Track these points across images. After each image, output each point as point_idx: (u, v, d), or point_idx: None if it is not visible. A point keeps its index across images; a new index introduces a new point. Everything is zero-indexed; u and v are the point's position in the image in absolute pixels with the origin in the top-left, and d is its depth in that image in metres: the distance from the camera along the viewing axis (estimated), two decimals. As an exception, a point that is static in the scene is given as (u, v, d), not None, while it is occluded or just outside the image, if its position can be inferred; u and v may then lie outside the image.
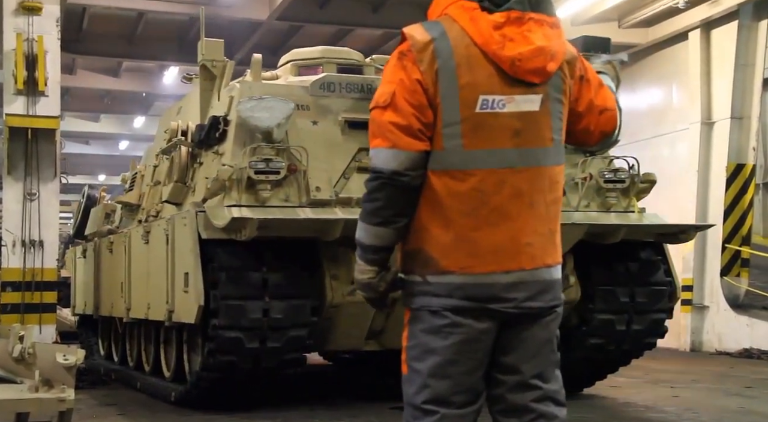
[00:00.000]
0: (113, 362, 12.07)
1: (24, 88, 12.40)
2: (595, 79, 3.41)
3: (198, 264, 7.95)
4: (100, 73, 25.95)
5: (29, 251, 12.54)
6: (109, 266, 11.08)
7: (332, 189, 8.32)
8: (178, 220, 8.48)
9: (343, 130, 8.66)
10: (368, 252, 3.29)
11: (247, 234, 7.66)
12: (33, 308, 12.56)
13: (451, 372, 3.18)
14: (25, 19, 12.70)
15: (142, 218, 10.53)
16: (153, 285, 9.19)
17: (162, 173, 10.20)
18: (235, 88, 8.69)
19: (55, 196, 12.96)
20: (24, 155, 12.49)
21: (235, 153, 8.34)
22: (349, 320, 8.32)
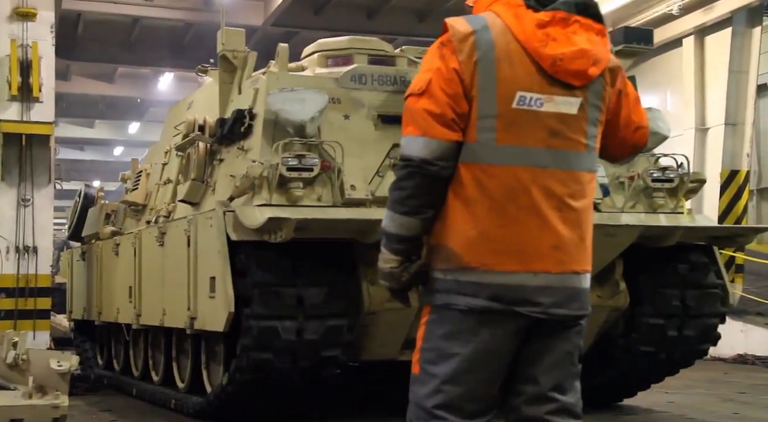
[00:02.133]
0: (114, 371, 10.76)
1: (18, 94, 12.01)
2: (633, 94, 3.28)
3: (227, 268, 6.95)
4: (94, 79, 25.37)
5: (23, 257, 12.13)
6: (115, 269, 9.99)
7: (368, 188, 7.25)
8: (201, 220, 7.47)
9: (376, 125, 7.68)
10: (393, 241, 3.12)
11: (282, 236, 6.66)
12: (27, 314, 12.13)
13: (468, 379, 3.00)
14: (20, 25, 12.32)
15: (150, 219, 9.45)
16: (170, 290, 8.19)
17: (173, 170, 9.19)
18: (261, 80, 7.60)
19: (49, 202, 12.54)
20: (18, 160, 12.07)
21: (264, 149, 7.34)
22: (385, 328, 7.33)
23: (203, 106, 8.95)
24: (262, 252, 6.92)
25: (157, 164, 9.99)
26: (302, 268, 6.98)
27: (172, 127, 9.85)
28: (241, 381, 7.15)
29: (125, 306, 9.48)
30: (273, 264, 6.92)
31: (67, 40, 20.85)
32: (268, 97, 7.27)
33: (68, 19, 20.65)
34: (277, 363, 6.96)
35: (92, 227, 11.53)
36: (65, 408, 7.53)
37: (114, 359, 11.08)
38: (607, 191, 7.55)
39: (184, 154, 8.61)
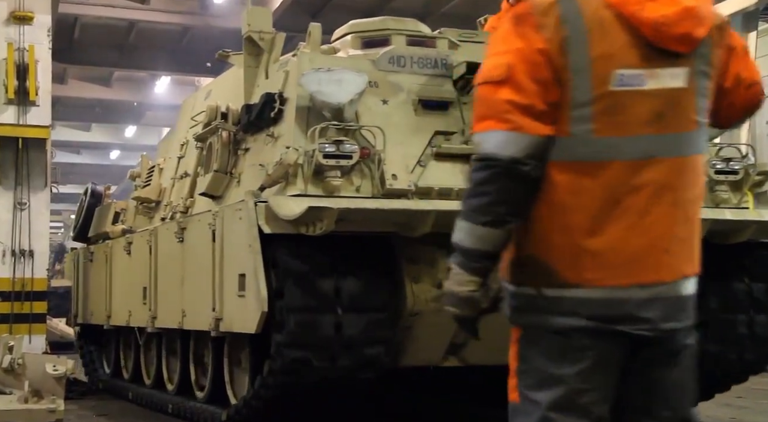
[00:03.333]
0: (123, 379, 9.78)
1: (15, 97, 11.75)
2: (740, 47, 2.68)
3: (260, 264, 6.09)
4: (91, 83, 24.97)
5: (19, 260, 11.79)
6: (127, 269, 9.09)
7: (410, 178, 6.44)
8: (229, 213, 6.66)
9: (416, 110, 6.85)
10: (471, 259, 2.52)
11: (323, 228, 5.85)
12: (23, 318, 11.78)
13: (579, 403, 2.47)
14: (17, 28, 12.03)
15: (165, 215, 8.59)
16: (191, 290, 7.37)
17: (191, 163, 8.36)
18: (291, 62, 6.77)
19: (45, 205, 12.22)
20: (14, 164, 11.77)
21: (297, 135, 6.52)
22: (430, 330, 6.50)
23: (224, 93, 8.14)
24: (298, 248, 6.14)
25: (171, 158, 9.11)
26: (340, 260, 6.20)
27: (187, 118, 9.00)
28: (274, 385, 6.33)
29: (138, 309, 8.63)
30: (308, 255, 6.14)
31: (63, 44, 20.54)
32: (301, 78, 6.48)
33: (65, 23, 20.35)
34: (316, 362, 6.14)
35: (100, 226, 10.62)
36: (61, 412, 7.31)
37: (123, 366, 10.03)
38: None
39: (204, 144, 7.68)
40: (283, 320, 6.03)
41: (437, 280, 6.28)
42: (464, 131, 6.77)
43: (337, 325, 6.09)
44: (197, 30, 21.51)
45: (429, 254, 6.36)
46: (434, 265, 6.34)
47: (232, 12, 20.55)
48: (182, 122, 9.31)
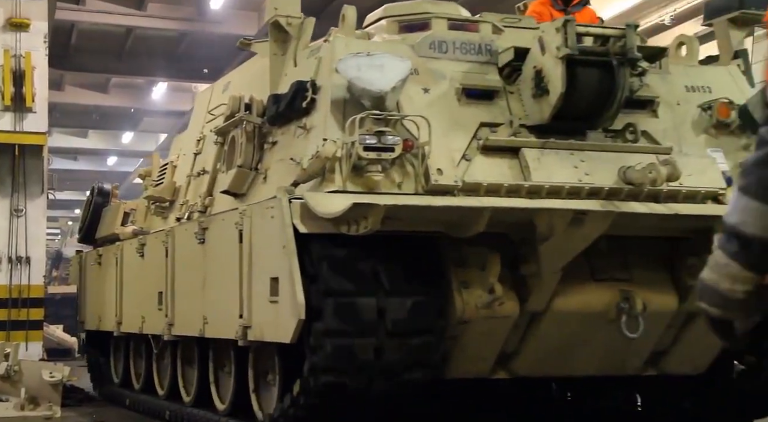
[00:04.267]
0: (133, 390, 8.96)
1: (11, 104, 11.41)
2: None
3: (295, 267, 5.41)
4: (88, 89, 24.68)
5: (16, 267, 11.38)
6: (139, 273, 8.35)
7: (455, 173, 5.72)
8: (259, 211, 5.98)
9: (460, 99, 6.15)
10: (753, 248, 1.87)
11: (367, 226, 5.17)
12: (20, 325, 11.36)
13: None
14: (13, 35, 11.68)
15: (181, 215, 7.92)
16: (214, 295, 6.69)
17: (209, 159, 7.66)
18: (324, 48, 6.09)
19: (42, 212, 11.80)
20: (11, 171, 11.43)
21: (332, 126, 5.80)
22: (479, 340, 5.84)
23: (246, 84, 7.44)
24: (336, 251, 5.48)
25: (186, 154, 8.38)
26: (383, 271, 5.53)
27: (203, 112, 8.31)
28: (305, 406, 5.68)
29: (153, 315, 7.92)
30: (349, 266, 5.47)
31: (60, 50, 20.11)
32: (338, 64, 5.78)
33: (62, 29, 19.84)
34: (351, 386, 5.53)
35: (108, 227, 9.85)
36: (58, 419, 7.23)
37: (134, 375, 9.20)
38: (729, 180, 5.96)
39: (225, 139, 6.91)
40: (320, 343, 5.40)
41: (489, 284, 5.56)
42: (512, 122, 6.04)
43: (377, 350, 5.46)
44: (194, 36, 20.94)
45: (478, 257, 5.69)
46: (485, 268, 5.62)
47: (229, 18, 20.08)
48: (197, 116, 8.60)
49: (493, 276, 5.59)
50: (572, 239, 5.50)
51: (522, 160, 5.96)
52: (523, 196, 5.75)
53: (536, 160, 5.95)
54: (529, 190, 5.76)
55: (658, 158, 5.94)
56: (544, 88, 5.94)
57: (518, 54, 6.14)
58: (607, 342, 5.93)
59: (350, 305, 5.40)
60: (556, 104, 5.86)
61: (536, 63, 6.00)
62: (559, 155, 6.00)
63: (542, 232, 5.47)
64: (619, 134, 6.20)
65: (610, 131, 6.21)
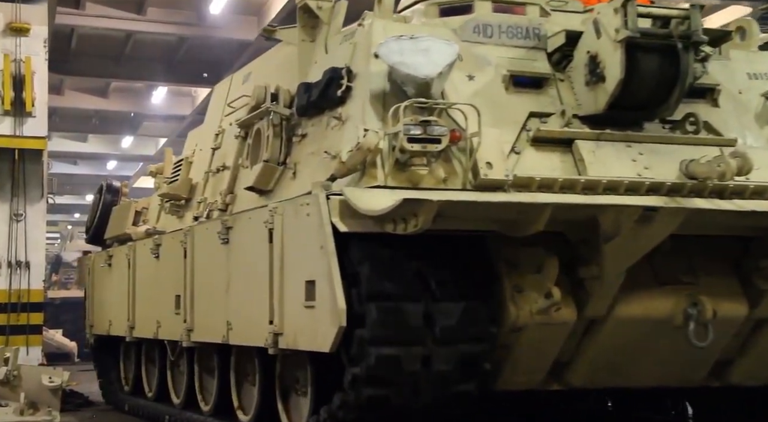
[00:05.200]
0: (146, 398, 8.33)
1: (11, 108, 11.09)
2: None
3: (335, 268, 4.78)
4: (88, 94, 24.29)
5: (15, 272, 11.04)
6: (154, 275, 7.80)
7: (505, 166, 5.10)
8: (292, 208, 5.35)
9: (507, 87, 5.55)
10: None
11: (417, 225, 4.56)
12: (19, 329, 11.00)
13: None
14: (13, 40, 11.37)
15: (199, 214, 7.31)
16: (240, 299, 6.05)
17: (229, 154, 7.04)
18: (359, 32, 5.60)
19: (42, 217, 11.48)
20: (11, 175, 11.13)
21: (369, 116, 5.22)
22: (533, 348, 5.22)
23: (269, 74, 6.80)
24: (380, 252, 4.86)
25: (203, 149, 7.75)
26: (431, 274, 4.92)
27: (221, 106, 7.72)
28: (357, 404, 4.99)
29: (170, 319, 7.30)
30: (393, 268, 4.85)
31: (60, 55, 19.57)
32: (379, 48, 5.19)
33: (62, 34, 19.39)
34: (394, 400, 4.91)
35: (119, 227, 9.19)
36: None
37: (146, 383, 8.48)
38: None
39: (249, 132, 6.25)
40: (363, 353, 4.78)
41: (545, 288, 4.92)
42: (564, 112, 5.39)
43: (425, 359, 4.86)
44: (194, 41, 20.45)
45: (533, 258, 5.10)
46: (540, 270, 5.01)
47: (229, 23, 19.43)
48: (215, 110, 7.97)
49: (551, 280, 4.99)
50: (639, 239, 4.88)
51: (576, 153, 5.37)
52: (578, 192, 5.13)
53: (591, 153, 5.35)
54: (585, 185, 5.15)
55: (722, 151, 5.28)
56: (599, 74, 5.33)
57: (570, 38, 5.56)
58: (671, 351, 5.31)
59: (395, 310, 4.79)
60: (613, 92, 5.26)
61: (590, 47, 5.40)
62: (615, 148, 5.41)
63: (607, 231, 4.83)
64: (678, 124, 5.57)
65: (668, 122, 5.60)
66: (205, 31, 19.71)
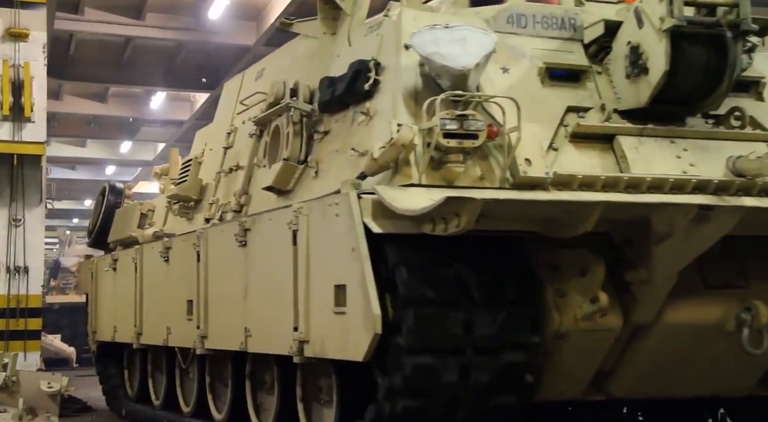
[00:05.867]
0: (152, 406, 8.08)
1: (10, 114, 10.89)
2: None
3: (369, 272, 4.38)
4: (86, 99, 23.93)
5: (14, 277, 10.84)
6: (164, 279, 7.39)
7: (545, 164, 4.70)
8: (318, 208, 4.97)
9: (543, 81, 5.13)
10: None
11: (460, 225, 4.16)
12: (17, 335, 10.81)
13: None
14: (12, 45, 11.19)
15: (211, 216, 6.89)
16: (260, 304, 5.63)
17: (243, 154, 6.65)
18: (386, 23, 5.26)
19: (40, 222, 11.29)
20: (9, 180, 10.95)
21: (401, 110, 4.80)
22: (576, 356, 4.82)
23: (285, 70, 6.40)
24: (417, 255, 4.46)
25: (213, 149, 7.35)
26: (470, 278, 4.51)
27: (232, 103, 7.31)
28: (393, 417, 4.58)
29: (181, 326, 6.90)
30: (432, 273, 4.45)
31: (59, 60, 19.22)
32: (412, 38, 4.79)
33: (60, 39, 19.06)
34: (431, 412, 4.52)
35: (123, 230, 8.76)
36: None
37: (153, 391, 8.06)
38: None
39: (267, 129, 5.78)
40: (400, 362, 4.40)
41: (591, 293, 4.48)
42: (604, 106, 4.98)
43: (463, 369, 4.47)
44: (192, 46, 20.12)
45: (576, 260, 4.72)
46: (585, 273, 4.59)
47: (228, 28, 18.98)
48: (225, 108, 7.56)
49: (597, 284, 4.61)
50: (693, 240, 4.51)
51: (617, 149, 4.99)
52: (621, 190, 4.73)
53: (634, 149, 4.97)
54: (629, 183, 4.75)
55: (771, 147, 4.90)
56: (641, 66, 4.93)
57: (609, 28, 5.15)
58: (721, 358, 4.94)
59: (435, 317, 4.42)
60: (657, 85, 4.87)
61: (631, 38, 5.01)
62: (658, 144, 5.02)
63: (660, 231, 4.45)
64: (722, 119, 5.15)
65: (712, 117, 5.19)
66: (203, 37, 19.37)
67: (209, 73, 20.80)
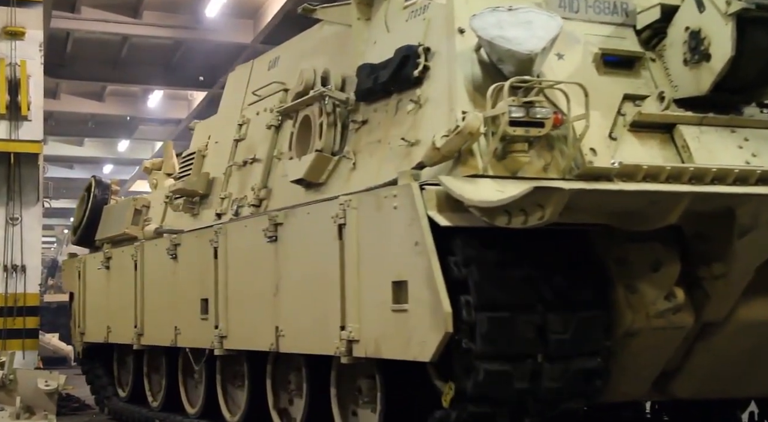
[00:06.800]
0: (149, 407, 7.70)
1: (7, 112, 10.69)
2: None
3: (437, 266, 3.99)
4: (84, 98, 23.53)
5: (11, 276, 10.63)
6: (171, 278, 6.81)
7: (609, 153, 4.40)
8: (371, 200, 4.51)
9: (598, 68, 4.76)
10: None
11: (544, 216, 3.74)
12: (15, 333, 10.63)
13: None
14: (8, 43, 10.98)
15: (223, 211, 6.41)
16: (295, 303, 5.14)
17: (259, 146, 6.19)
18: (433, 7, 4.83)
19: (37, 220, 11.12)
20: (6, 179, 10.74)
21: (458, 98, 4.38)
22: (644, 355, 4.43)
23: (306, 58, 5.94)
24: (489, 252, 4.05)
25: (220, 142, 6.89)
26: (542, 278, 4.13)
27: (240, 94, 6.81)
28: None
29: (194, 326, 6.37)
30: (505, 273, 4.06)
31: (56, 59, 18.85)
32: (473, 21, 4.41)
33: (57, 38, 18.61)
34: (499, 419, 4.17)
35: (115, 226, 8.30)
36: None
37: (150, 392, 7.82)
38: None
39: (295, 119, 5.31)
40: (471, 367, 4.02)
41: (665, 289, 4.12)
42: (662, 94, 4.61)
43: (534, 375, 4.10)
44: (190, 44, 19.74)
45: (647, 254, 4.32)
46: (658, 268, 4.20)
47: (225, 26, 18.60)
48: (232, 99, 7.03)
49: (672, 279, 4.27)
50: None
51: (678, 139, 4.68)
52: (685, 182, 4.33)
53: (696, 139, 4.65)
54: (694, 174, 4.39)
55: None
56: (703, 53, 4.59)
57: (665, 13, 4.76)
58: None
59: (508, 322, 4.02)
60: (720, 72, 4.53)
61: (690, 23, 4.68)
62: (719, 133, 4.73)
63: (744, 223, 4.10)
64: None
65: (765, 105, 4.85)
66: (201, 35, 19.00)
67: (206, 71, 20.42)
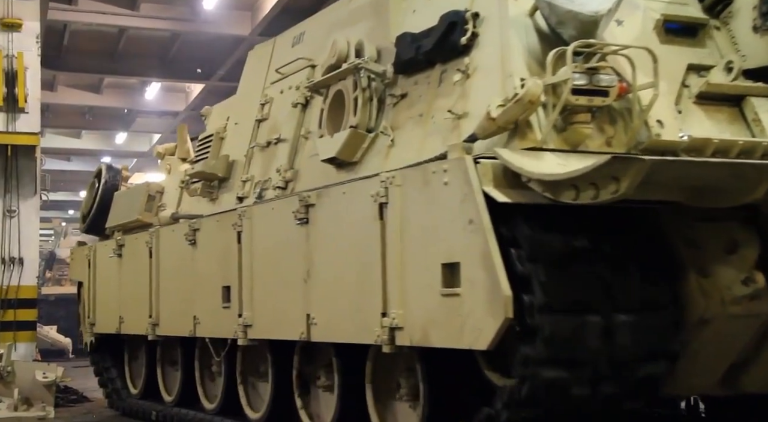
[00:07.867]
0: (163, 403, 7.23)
1: (4, 104, 10.43)
2: None
3: (495, 245, 3.52)
4: (81, 90, 23.10)
5: (9, 268, 10.33)
6: (190, 265, 6.29)
7: (677, 126, 3.94)
8: (418, 176, 4.03)
9: (660, 36, 4.27)
10: None
11: (619, 190, 3.26)
12: (13, 326, 10.24)
13: None
14: (5, 35, 10.67)
15: (245, 194, 5.90)
16: (329, 289, 4.66)
17: (284, 125, 5.69)
18: None
19: (35, 213, 10.79)
20: (3, 171, 10.44)
21: (514, 65, 3.93)
22: (716, 345, 3.96)
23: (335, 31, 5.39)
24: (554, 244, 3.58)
25: (240, 123, 6.40)
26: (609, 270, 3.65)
27: (262, 73, 6.30)
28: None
29: (215, 315, 5.85)
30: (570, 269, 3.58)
31: (53, 51, 18.33)
32: None
33: (54, 30, 18.01)
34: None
35: (127, 213, 7.77)
36: (51, 419, 6.93)
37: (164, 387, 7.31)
38: None
39: (326, 95, 4.77)
40: (527, 373, 3.58)
41: (743, 272, 3.63)
42: (729, 64, 4.12)
43: (593, 380, 3.65)
44: (187, 36, 19.26)
45: (721, 234, 3.84)
46: (734, 250, 3.69)
47: (223, 18, 18.01)
48: (252, 79, 6.53)
49: (751, 262, 3.84)
50: None
51: (749, 112, 4.23)
52: (758, 157, 3.86)
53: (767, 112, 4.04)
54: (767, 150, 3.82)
55: None
56: (776, 19, 4.02)
57: (733, -22, 4.26)
58: None
59: (572, 326, 3.57)
60: (796, 39, 3.97)
61: None
62: None
63: None
64: None
65: None
66: (198, 27, 18.48)
67: (204, 63, 19.88)
